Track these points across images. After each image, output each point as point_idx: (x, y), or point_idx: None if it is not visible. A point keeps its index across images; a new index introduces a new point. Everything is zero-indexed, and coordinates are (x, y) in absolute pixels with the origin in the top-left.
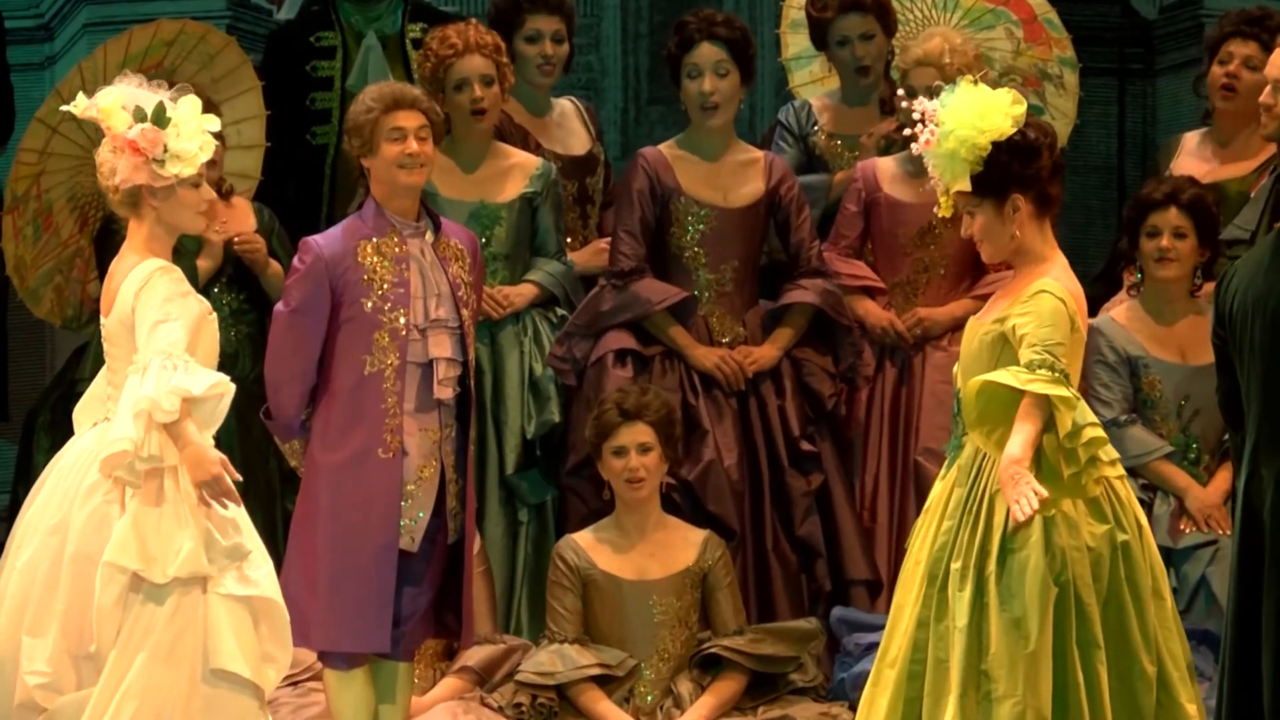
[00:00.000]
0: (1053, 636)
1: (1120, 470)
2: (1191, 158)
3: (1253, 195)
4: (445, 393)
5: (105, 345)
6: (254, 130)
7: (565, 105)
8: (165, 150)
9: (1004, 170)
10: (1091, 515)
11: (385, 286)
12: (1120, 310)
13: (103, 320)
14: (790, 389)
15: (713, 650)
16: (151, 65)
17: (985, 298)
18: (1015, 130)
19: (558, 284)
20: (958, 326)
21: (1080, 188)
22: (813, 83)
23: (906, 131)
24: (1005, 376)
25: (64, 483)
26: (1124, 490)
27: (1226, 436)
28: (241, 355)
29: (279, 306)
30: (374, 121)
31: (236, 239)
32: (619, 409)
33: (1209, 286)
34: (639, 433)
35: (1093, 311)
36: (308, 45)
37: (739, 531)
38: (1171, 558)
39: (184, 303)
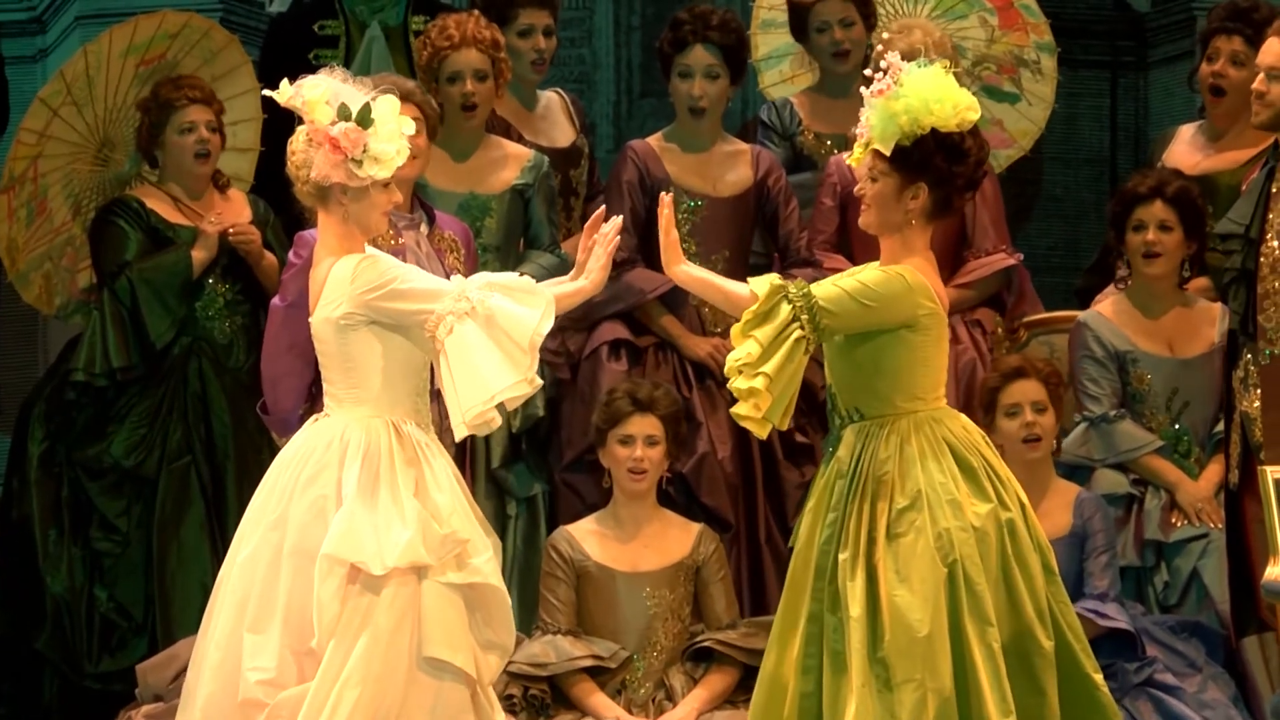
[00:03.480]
0: (947, 617)
1: (754, 423)
2: (1184, 149)
3: (1245, 188)
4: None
5: (316, 344)
6: (249, 133)
7: (551, 98)
8: (364, 151)
9: (926, 157)
10: (975, 495)
11: None
12: (1107, 304)
13: (311, 321)
14: None
15: (705, 643)
16: (154, 57)
17: (967, 286)
18: (957, 129)
19: (550, 277)
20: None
21: (1072, 181)
22: (782, 82)
23: (867, 72)
24: (764, 281)
25: (283, 478)
26: (1003, 469)
27: (1217, 429)
28: (236, 346)
29: (275, 301)
30: None
31: (231, 230)
32: (631, 398)
33: (1199, 281)
34: (648, 424)
35: (1088, 304)
36: (310, 33)
37: (734, 523)
38: (1163, 551)
39: (394, 260)
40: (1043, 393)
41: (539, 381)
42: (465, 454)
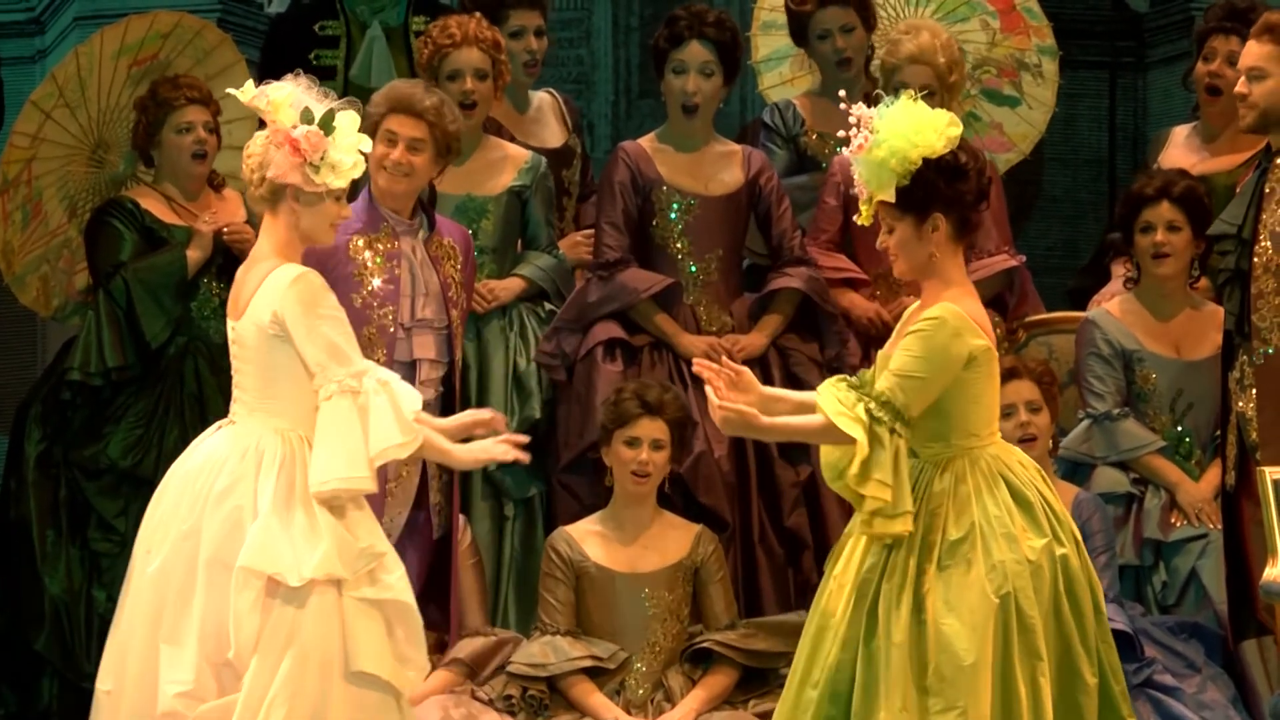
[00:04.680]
0: (997, 649)
1: (904, 526)
2: (1179, 151)
3: (1239, 189)
4: (427, 393)
5: (234, 348)
6: (244, 132)
7: (542, 98)
8: (323, 157)
9: (929, 188)
10: (1030, 529)
11: (376, 283)
12: (1115, 303)
13: (231, 323)
14: (778, 379)
15: (704, 644)
16: (146, 57)
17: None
18: (947, 150)
19: (547, 278)
20: None
21: (1071, 181)
22: (782, 84)
23: (840, 133)
24: (828, 399)
25: (192, 488)
26: (1059, 505)
27: (1219, 431)
28: None
29: None
30: (375, 119)
31: (226, 230)
32: (640, 400)
33: (1200, 281)
34: (656, 428)
35: (1081, 304)
36: (311, 34)
37: (731, 522)
38: (1161, 550)
39: (335, 302)
40: (1036, 392)
41: (372, 487)
42: None
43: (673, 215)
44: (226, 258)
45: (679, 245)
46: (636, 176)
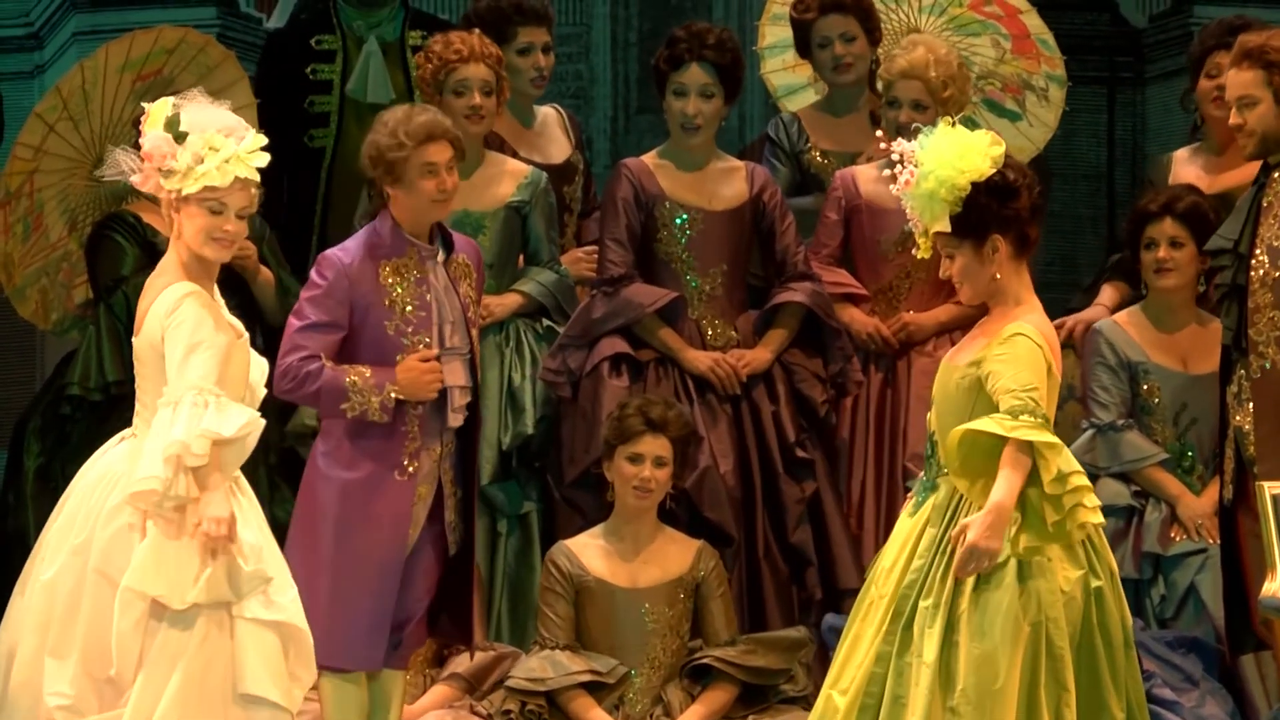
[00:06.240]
0: (1024, 676)
1: (1100, 517)
2: (1191, 173)
3: (1237, 205)
4: (458, 420)
5: (135, 364)
6: None
7: (548, 113)
8: (173, 163)
9: (983, 211)
10: (1067, 560)
11: (407, 310)
12: (1123, 315)
13: (134, 339)
14: (783, 395)
15: (704, 660)
16: (151, 72)
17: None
18: (994, 171)
19: (547, 294)
20: (943, 331)
21: (1070, 196)
22: (784, 69)
23: (885, 172)
24: (989, 424)
25: (88, 501)
26: (1099, 537)
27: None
28: None
29: (292, 319)
30: (406, 158)
31: None
32: (644, 417)
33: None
34: (659, 446)
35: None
36: (307, 48)
37: (736, 538)
38: (1161, 564)
39: (214, 330)
40: None
41: (158, 486)
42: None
43: (676, 230)
44: (227, 274)
45: (683, 260)
46: (639, 192)
